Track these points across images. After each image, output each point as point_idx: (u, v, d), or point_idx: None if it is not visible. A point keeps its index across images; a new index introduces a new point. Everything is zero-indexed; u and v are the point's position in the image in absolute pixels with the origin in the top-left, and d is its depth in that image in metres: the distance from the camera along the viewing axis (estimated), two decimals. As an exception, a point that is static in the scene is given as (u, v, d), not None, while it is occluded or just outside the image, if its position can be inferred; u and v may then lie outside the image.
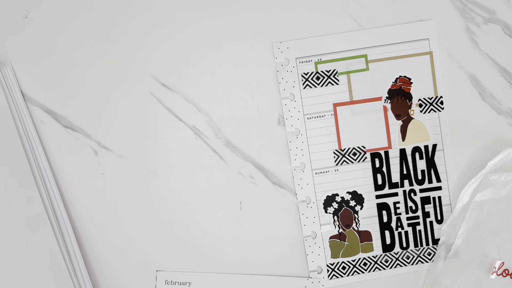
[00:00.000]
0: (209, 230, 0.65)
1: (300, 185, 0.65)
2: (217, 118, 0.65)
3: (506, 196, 0.63)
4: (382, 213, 0.65)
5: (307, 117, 0.65)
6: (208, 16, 0.64)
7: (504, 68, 0.65)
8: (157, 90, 0.65)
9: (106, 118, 0.65)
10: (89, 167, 0.65)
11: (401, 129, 0.65)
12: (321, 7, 0.64)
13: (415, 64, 0.65)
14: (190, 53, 0.64)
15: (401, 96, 0.65)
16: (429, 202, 0.65)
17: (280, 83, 0.65)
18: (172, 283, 0.65)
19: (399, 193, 0.65)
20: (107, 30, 0.64)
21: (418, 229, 0.66)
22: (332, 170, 0.65)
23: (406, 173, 0.65)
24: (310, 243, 0.65)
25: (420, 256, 0.66)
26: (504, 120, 0.66)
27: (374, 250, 0.66)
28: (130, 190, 0.65)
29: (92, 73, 0.64)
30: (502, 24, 0.65)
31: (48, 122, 0.64)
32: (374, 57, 0.64)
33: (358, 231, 0.66)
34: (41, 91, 0.64)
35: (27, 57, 0.64)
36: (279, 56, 0.64)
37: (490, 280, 0.62)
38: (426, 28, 0.64)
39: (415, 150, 0.65)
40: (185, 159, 0.65)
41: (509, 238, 0.62)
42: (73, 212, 0.65)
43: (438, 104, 0.65)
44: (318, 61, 0.64)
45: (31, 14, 0.64)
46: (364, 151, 0.65)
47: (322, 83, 0.65)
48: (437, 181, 0.65)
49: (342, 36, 0.64)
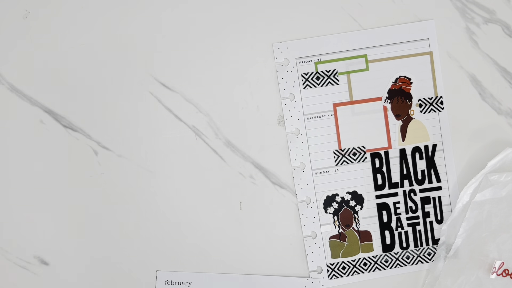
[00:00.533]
0: (209, 230, 0.65)
1: (300, 185, 0.65)
2: (217, 118, 0.65)
3: (506, 196, 0.63)
4: (382, 213, 0.65)
5: (307, 117, 0.65)
6: (208, 16, 0.64)
7: (504, 68, 0.65)
8: (157, 90, 0.65)
9: (106, 118, 0.65)
10: (89, 167, 0.65)
11: (401, 129, 0.65)
12: (321, 7, 0.64)
13: (415, 64, 0.64)
14: (190, 53, 0.64)
15: (401, 96, 0.65)
16: (429, 202, 0.65)
17: (280, 83, 0.65)
18: (172, 283, 0.65)
19: (399, 193, 0.65)
20: (107, 30, 0.64)
21: (418, 229, 0.65)
22: (332, 170, 0.65)
23: (406, 173, 0.65)
24: (310, 243, 0.65)
25: (420, 256, 0.66)
26: (504, 120, 0.66)
27: (374, 250, 0.66)
28: (130, 190, 0.65)
29: (92, 73, 0.64)
30: (502, 24, 0.65)
31: (48, 122, 0.64)
32: (374, 57, 0.64)
33: (358, 231, 0.66)
34: (41, 91, 0.64)
35: (27, 57, 0.64)
36: (279, 56, 0.64)
37: (490, 280, 0.62)
38: (426, 28, 0.64)
39: (415, 150, 0.65)
40: (185, 159, 0.65)
41: (509, 238, 0.62)
42: (73, 212, 0.65)
43: (438, 104, 0.65)
44: (318, 61, 0.64)
45: (31, 14, 0.64)
46: (364, 151, 0.65)
47: (322, 83, 0.65)
48: (437, 181, 0.65)
49: (342, 36, 0.64)
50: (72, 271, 0.65)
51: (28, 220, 0.65)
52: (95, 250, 0.65)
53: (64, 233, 0.65)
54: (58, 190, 0.65)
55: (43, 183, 0.65)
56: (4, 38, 0.64)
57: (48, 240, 0.65)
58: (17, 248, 0.65)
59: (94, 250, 0.65)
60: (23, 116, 0.65)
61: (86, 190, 0.65)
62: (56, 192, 0.65)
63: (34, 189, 0.65)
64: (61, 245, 0.65)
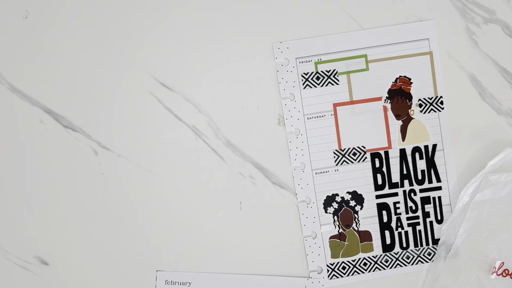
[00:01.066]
0: (209, 230, 0.65)
1: (300, 185, 0.65)
2: (217, 118, 0.65)
3: (506, 196, 0.62)
4: (382, 213, 0.65)
5: (307, 117, 0.65)
6: (209, 15, 0.64)
7: (504, 68, 0.65)
8: (157, 90, 0.65)
9: (106, 118, 0.65)
10: (89, 167, 0.65)
11: (401, 129, 0.65)
12: (321, 7, 0.64)
13: (415, 64, 0.64)
14: (190, 53, 0.64)
15: (401, 96, 0.65)
16: (429, 202, 0.65)
17: (280, 83, 0.65)
18: (172, 283, 0.65)
19: (399, 193, 0.65)
20: (107, 30, 0.64)
21: (418, 229, 0.65)
22: (332, 170, 0.65)
23: (406, 173, 0.65)
24: (310, 243, 0.65)
25: (420, 256, 0.65)
26: (504, 120, 0.66)
27: (374, 250, 0.66)
28: (130, 190, 0.65)
29: (92, 73, 0.64)
30: (502, 24, 0.65)
31: (48, 122, 0.64)
32: (374, 57, 0.64)
33: (358, 231, 0.65)
34: (41, 91, 0.64)
35: (27, 57, 0.64)
36: (279, 56, 0.64)
37: (490, 280, 0.62)
38: (426, 28, 0.64)
39: (415, 150, 0.65)
40: (185, 159, 0.65)
41: (509, 238, 0.62)
42: (73, 212, 0.65)
43: (438, 104, 0.65)
44: (318, 61, 0.64)
45: (31, 14, 0.64)
46: (364, 151, 0.65)
47: (322, 83, 0.64)
48: (437, 181, 0.65)
49: (342, 36, 0.64)
50: (72, 271, 0.65)
51: (28, 220, 0.65)
52: (95, 250, 0.65)
53: (64, 233, 0.65)
54: (58, 190, 0.65)
55: (43, 183, 0.65)
56: (4, 38, 0.64)
57: (48, 240, 0.65)
58: (17, 248, 0.65)
59: (94, 250, 0.65)
60: (23, 116, 0.64)
61: (86, 190, 0.65)
62: (56, 192, 0.65)
63: (34, 189, 0.65)
64: (61, 245, 0.65)
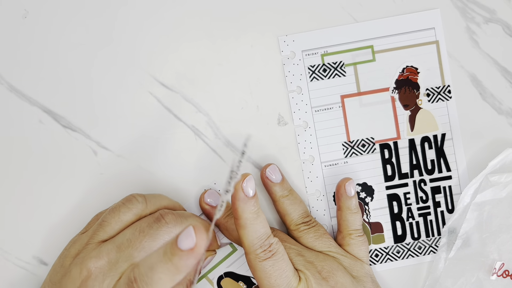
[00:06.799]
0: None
1: (310, 178, 0.65)
2: (217, 118, 0.64)
3: (506, 197, 0.63)
4: (392, 204, 0.65)
5: (315, 110, 0.65)
6: (209, 15, 0.64)
7: (505, 68, 0.66)
8: (157, 90, 0.64)
9: (105, 118, 0.64)
10: (89, 167, 0.64)
11: (410, 119, 0.65)
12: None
13: (422, 53, 0.65)
14: (190, 53, 0.64)
15: (408, 86, 0.65)
16: (439, 191, 0.66)
17: (287, 76, 0.64)
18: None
19: (409, 184, 0.65)
20: (107, 30, 0.64)
21: (429, 219, 0.66)
22: (342, 162, 0.65)
23: (415, 163, 0.65)
24: (319, 238, 0.65)
25: (432, 246, 0.66)
26: (505, 120, 0.66)
27: (386, 241, 0.65)
28: (130, 190, 0.64)
29: (91, 73, 0.64)
30: (502, 23, 0.66)
31: (47, 122, 0.63)
32: (380, 47, 0.64)
33: (369, 222, 0.65)
34: (41, 91, 0.63)
35: (26, 57, 0.63)
36: (285, 50, 0.64)
37: (490, 281, 0.62)
38: (432, 17, 0.65)
39: (424, 140, 0.65)
40: (184, 159, 0.64)
41: (509, 239, 0.62)
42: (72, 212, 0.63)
43: (445, 93, 0.65)
44: (324, 53, 0.64)
45: (31, 14, 0.63)
46: (373, 142, 0.65)
47: (329, 75, 0.64)
48: (447, 170, 0.66)
49: (347, 27, 0.64)
50: (75, 274, 0.64)
51: (27, 220, 0.63)
52: (98, 252, 0.64)
53: (63, 233, 0.63)
54: (57, 190, 0.63)
55: (42, 183, 0.63)
56: (4, 38, 0.63)
57: (47, 240, 0.64)
58: (16, 248, 0.63)
59: (97, 252, 0.64)
60: (23, 116, 0.63)
61: (86, 190, 0.64)
62: (56, 192, 0.63)
63: (33, 189, 0.63)
64: (60, 245, 0.63)
